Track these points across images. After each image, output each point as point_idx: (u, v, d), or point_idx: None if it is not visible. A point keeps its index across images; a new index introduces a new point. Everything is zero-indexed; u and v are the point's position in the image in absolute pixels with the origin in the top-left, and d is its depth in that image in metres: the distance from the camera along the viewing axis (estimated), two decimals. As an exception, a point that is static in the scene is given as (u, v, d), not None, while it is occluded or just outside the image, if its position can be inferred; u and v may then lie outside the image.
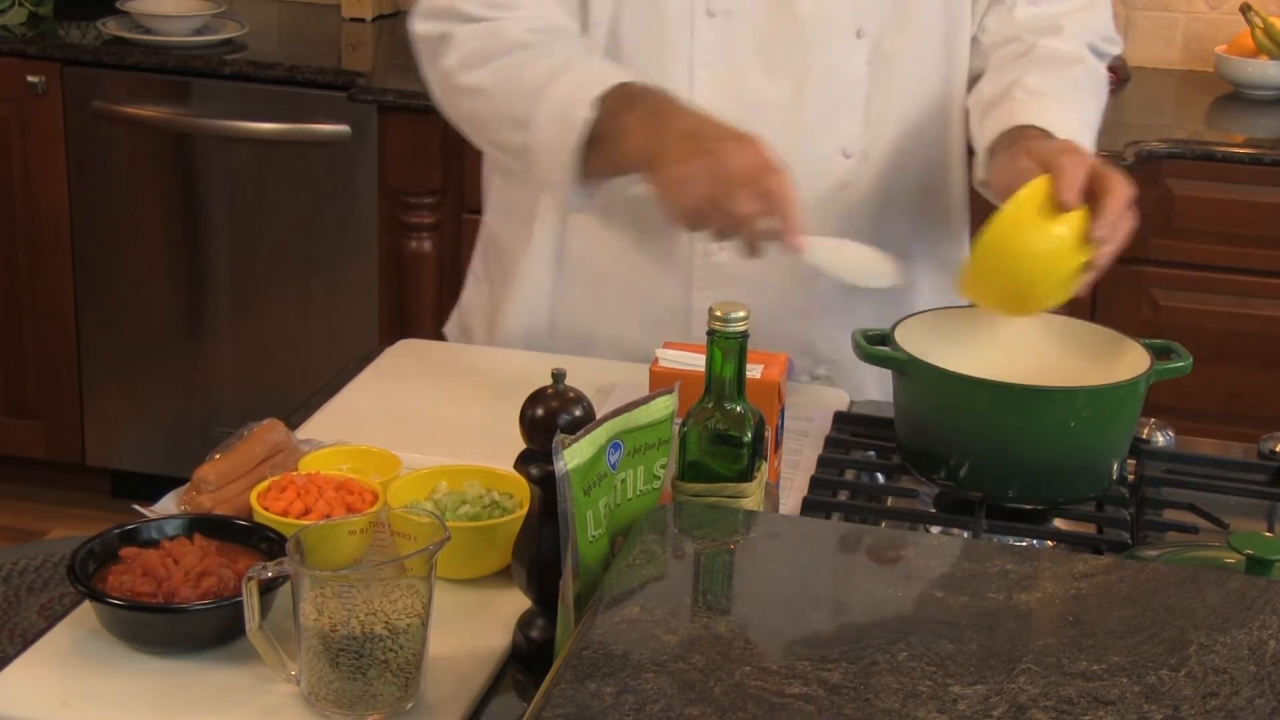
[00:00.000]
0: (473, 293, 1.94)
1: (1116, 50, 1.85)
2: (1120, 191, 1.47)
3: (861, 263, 1.58)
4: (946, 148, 1.80)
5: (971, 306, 1.54)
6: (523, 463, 1.22)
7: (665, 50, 1.68)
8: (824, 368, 1.79)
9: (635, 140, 1.54)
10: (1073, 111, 1.67)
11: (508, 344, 1.82)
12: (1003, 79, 1.72)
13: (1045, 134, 1.61)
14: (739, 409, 1.25)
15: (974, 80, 1.78)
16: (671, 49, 1.68)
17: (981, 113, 1.72)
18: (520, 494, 1.36)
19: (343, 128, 3.19)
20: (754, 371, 1.41)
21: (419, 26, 1.72)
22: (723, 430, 1.25)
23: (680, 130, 1.52)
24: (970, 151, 1.78)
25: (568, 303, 1.80)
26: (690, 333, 1.72)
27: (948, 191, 1.82)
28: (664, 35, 1.68)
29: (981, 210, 1.60)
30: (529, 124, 1.61)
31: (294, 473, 1.40)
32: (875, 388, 1.77)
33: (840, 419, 1.64)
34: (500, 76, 1.65)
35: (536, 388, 1.23)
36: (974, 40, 1.78)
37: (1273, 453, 1.60)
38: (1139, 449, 1.56)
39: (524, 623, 1.25)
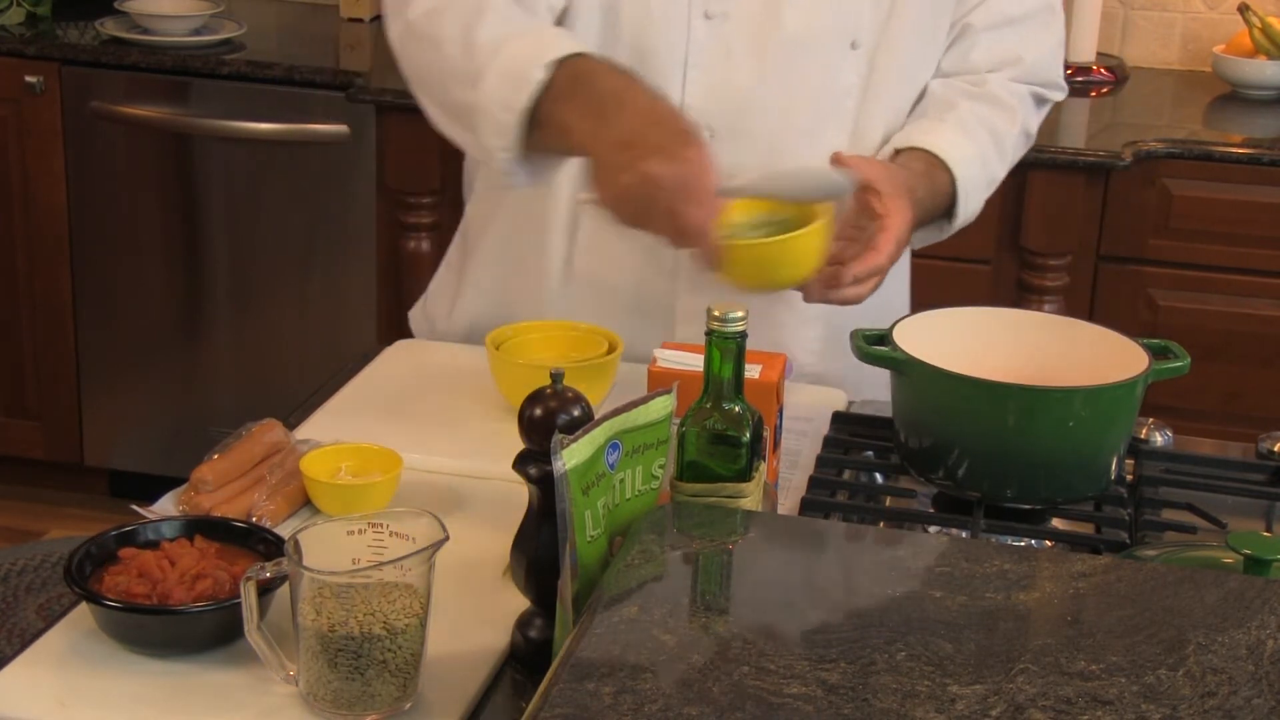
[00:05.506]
0: (442, 279, 1.94)
1: (1059, 97, 1.87)
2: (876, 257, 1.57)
3: (807, 180, 1.54)
4: None
5: (970, 307, 1.55)
6: (521, 463, 1.22)
7: (660, 48, 1.68)
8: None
9: (576, 138, 1.49)
10: (975, 159, 1.73)
11: (463, 330, 1.85)
12: (945, 95, 1.76)
13: (934, 161, 1.69)
14: (737, 409, 1.25)
15: None
16: (666, 48, 1.67)
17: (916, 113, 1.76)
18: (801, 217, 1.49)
19: (341, 128, 3.18)
20: (752, 372, 1.41)
21: None
22: (721, 430, 1.25)
23: (616, 138, 1.44)
24: None
25: (563, 300, 1.79)
26: (673, 332, 1.72)
27: None
28: (659, 34, 1.67)
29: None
30: (480, 80, 1.54)
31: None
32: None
33: (838, 419, 1.64)
34: (459, 31, 1.59)
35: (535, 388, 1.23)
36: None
37: (1271, 452, 1.60)
38: (1137, 449, 1.56)
39: (523, 622, 1.25)
